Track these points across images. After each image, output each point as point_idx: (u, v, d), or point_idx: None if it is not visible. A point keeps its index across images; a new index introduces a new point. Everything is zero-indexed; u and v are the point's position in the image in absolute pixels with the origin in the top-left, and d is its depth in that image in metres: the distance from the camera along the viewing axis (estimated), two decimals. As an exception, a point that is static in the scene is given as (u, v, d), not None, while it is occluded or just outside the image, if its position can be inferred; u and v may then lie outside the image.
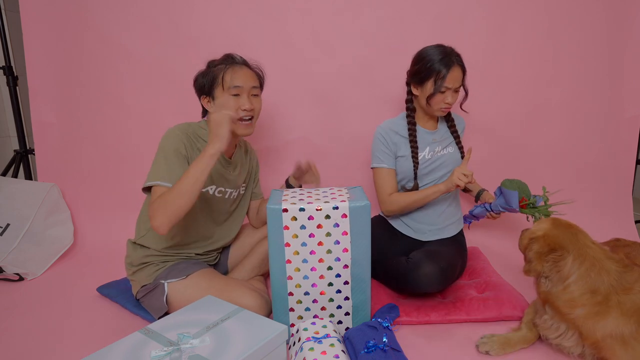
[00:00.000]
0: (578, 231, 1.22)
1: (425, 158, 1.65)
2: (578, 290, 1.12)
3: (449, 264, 1.46)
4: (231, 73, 1.40)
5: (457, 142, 1.69)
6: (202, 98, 1.45)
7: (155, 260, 1.44)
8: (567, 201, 1.59)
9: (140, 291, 1.43)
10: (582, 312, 1.11)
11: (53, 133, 2.16)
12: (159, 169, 1.31)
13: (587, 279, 1.12)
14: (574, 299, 1.13)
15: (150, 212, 1.26)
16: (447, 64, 1.50)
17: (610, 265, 1.14)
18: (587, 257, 1.15)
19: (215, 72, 1.41)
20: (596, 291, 1.11)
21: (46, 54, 2.08)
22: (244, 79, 1.41)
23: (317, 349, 1.11)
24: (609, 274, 1.12)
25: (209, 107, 1.44)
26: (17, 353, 1.30)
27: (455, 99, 1.57)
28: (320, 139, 2.15)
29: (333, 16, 2.02)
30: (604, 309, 1.09)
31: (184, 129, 1.39)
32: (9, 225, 2.00)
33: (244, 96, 1.41)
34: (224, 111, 1.28)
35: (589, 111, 2.11)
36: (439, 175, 1.66)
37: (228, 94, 1.39)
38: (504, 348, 1.26)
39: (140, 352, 0.98)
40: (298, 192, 1.33)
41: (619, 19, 2.01)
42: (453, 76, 1.51)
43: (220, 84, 1.40)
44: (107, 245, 2.12)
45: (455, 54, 1.54)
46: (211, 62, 1.46)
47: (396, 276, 1.51)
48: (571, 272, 1.14)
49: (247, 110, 1.41)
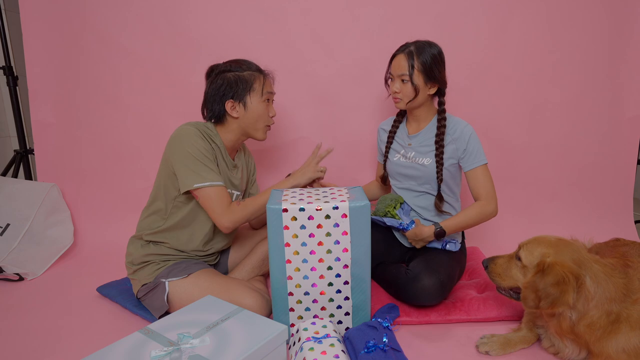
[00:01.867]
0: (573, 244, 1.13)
1: (400, 161, 1.64)
2: (597, 313, 1.04)
3: (448, 276, 1.45)
4: (269, 80, 1.49)
5: (437, 154, 1.53)
6: (228, 103, 1.44)
7: (156, 259, 1.45)
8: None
9: (141, 290, 1.43)
10: (598, 334, 1.05)
11: (53, 133, 2.16)
12: (201, 170, 1.34)
13: (603, 299, 1.04)
14: (594, 322, 1.05)
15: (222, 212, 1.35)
16: (395, 53, 1.54)
17: (617, 277, 1.08)
18: (598, 275, 1.06)
19: (250, 78, 1.44)
20: (611, 311, 1.04)
21: (46, 54, 2.08)
22: (272, 87, 1.51)
23: (317, 349, 1.11)
24: (618, 288, 1.06)
25: (233, 112, 1.45)
26: (17, 353, 1.30)
27: (404, 90, 1.50)
28: (320, 139, 2.15)
29: (333, 16, 2.02)
30: (616, 327, 1.04)
31: (198, 128, 1.41)
32: (9, 225, 2.00)
33: (271, 103, 1.52)
34: (317, 162, 1.50)
35: (590, 111, 2.11)
36: (409, 183, 1.62)
37: (263, 99, 1.46)
38: (504, 348, 1.25)
39: (140, 352, 0.98)
40: (298, 192, 1.33)
41: (619, 19, 2.01)
42: (395, 63, 1.51)
43: (258, 90, 1.44)
44: (107, 245, 2.12)
45: (410, 45, 1.49)
46: (232, 67, 1.45)
47: (395, 286, 1.50)
48: (593, 295, 1.04)
49: (273, 117, 1.52)
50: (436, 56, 1.48)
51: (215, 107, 1.46)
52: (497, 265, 1.25)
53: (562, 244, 1.13)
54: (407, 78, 1.48)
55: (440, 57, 1.50)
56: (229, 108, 1.45)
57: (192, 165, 1.34)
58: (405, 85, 1.50)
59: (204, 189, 1.35)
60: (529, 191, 2.20)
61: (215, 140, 1.45)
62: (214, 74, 1.47)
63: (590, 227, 2.16)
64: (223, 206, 1.36)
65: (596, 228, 2.15)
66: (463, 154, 1.53)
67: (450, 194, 1.61)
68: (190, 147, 1.34)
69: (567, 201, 2.20)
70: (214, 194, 1.35)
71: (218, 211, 1.36)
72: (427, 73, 1.48)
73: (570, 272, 1.05)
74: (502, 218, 2.20)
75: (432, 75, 1.49)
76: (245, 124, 1.47)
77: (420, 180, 1.60)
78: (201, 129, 1.41)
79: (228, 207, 1.37)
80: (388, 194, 1.64)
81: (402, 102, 1.54)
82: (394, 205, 1.59)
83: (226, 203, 1.37)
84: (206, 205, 1.37)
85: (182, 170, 1.34)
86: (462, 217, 1.51)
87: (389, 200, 1.61)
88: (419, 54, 1.47)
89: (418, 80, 1.48)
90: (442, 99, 1.57)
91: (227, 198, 1.38)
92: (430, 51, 1.48)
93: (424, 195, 1.61)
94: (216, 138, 1.46)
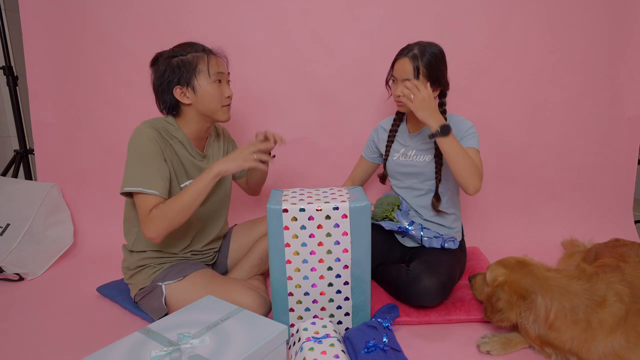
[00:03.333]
0: (531, 265, 1.24)
1: (400, 160, 1.64)
2: (563, 325, 1.13)
3: (449, 276, 1.44)
4: (215, 60, 1.38)
5: (437, 154, 1.53)
6: (176, 89, 1.36)
7: (152, 262, 1.44)
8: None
9: (139, 294, 1.42)
10: (575, 343, 1.12)
11: (53, 133, 2.16)
12: (137, 174, 1.27)
13: (564, 311, 1.13)
14: (563, 334, 1.13)
15: (144, 221, 1.27)
16: (397, 55, 1.51)
17: (575, 286, 1.15)
18: (552, 289, 1.16)
19: (194, 60, 1.35)
20: (577, 320, 1.11)
21: (46, 54, 2.08)
22: (223, 66, 1.41)
23: (317, 349, 1.11)
24: (579, 296, 1.13)
25: (184, 99, 1.37)
26: (17, 353, 1.30)
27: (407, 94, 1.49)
28: (320, 139, 2.15)
29: (333, 16, 2.02)
30: (590, 335, 1.10)
31: (154, 126, 1.34)
32: (9, 225, 2.00)
33: (224, 83, 1.42)
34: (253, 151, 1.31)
35: (590, 111, 2.11)
36: (411, 181, 1.62)
37: (212, 80, 1.37)
38: (505, 348, 1.25)
39: (140, 352, 0.98)
40: (298, 192, 1.33)
41: (619, 19, 2.01)
42: (398, 67, 1.49)
43: (204, 71, 1.35)
44: (107, 245, 2.11)
45: (413, 47, 1.47)
46: (175, 52, 1.37)
47: (395, 286, 1.50)
48: (548, 310, 1.14)
49: (230, 97, 1.43)
50: (440, 59, 1.48)
51: (165, 97, 1.38)
52: (476, 280, 1.42)
53: (519, 266, 1.24)
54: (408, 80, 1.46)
55: (443, 60, 1.50)
56: (179, 95, 1.36)
57: (132, 166, 1.29)
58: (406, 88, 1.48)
59: (137, 195, 1.28)
60: (529, 191, 2.20)
61: (176, 135, 1.40)
62: (158, 62, 1.39)
63: (590, 227, 2.16)
64: (143, 215, 1.27)
65: (596, 228, 2.15)
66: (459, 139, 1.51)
67: (449, 194, 1.61)
68: (136, 148, 1.29)
69: (567, 201, 2.20)
70: (139, 201, 1.28)
71: (141, 220, 1.28)
72: (432, 78, 1.47)
73: (515, 292, 1.18)
74: (502, 218, 2.20)
75: (437, 79, 1.48)
76: (200, 109, 1.38)
77: (422, 177, 1.59)
78: (159, 127, 1.35)
79: (148, 215, 1.26)
80: (384, 198, 1.64)
81: (406, 105, 1.51)
82: (392, 209, 1.59)
83: (146, 212, 1.26)
84: (138, 213, 1.30)
85: (124, 172, 1.30)
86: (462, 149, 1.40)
87: (385, 204, 1.60)
88: (423, 58, 1.45)
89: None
90: (443, 100, 1.57)
91: (149, 207, 1.26)
92: (434, 55, 1.46)
93: (427, 195, 1.61)
94: (177, 132, 1.40)
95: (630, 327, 1.09)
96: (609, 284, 1.15)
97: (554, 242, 2.12)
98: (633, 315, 1.10)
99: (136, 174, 1.28)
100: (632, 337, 1.08)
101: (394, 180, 1.70)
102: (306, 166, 2.19)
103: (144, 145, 1.29)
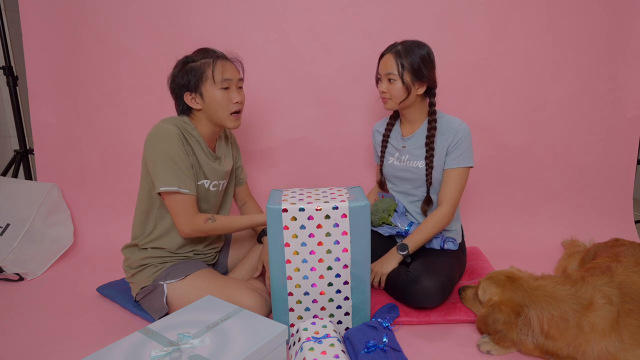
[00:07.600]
0: (518, 278, 1.25)
1: (394, 164, 1.64)
2: (557, 333, 1.14)
3: (448, 278, 1.44)
4: (220, 66, 1.39)
5: (427, 157, 1.53)
6: (186, 95, 1.40)
7: (154, 261, 1.44)
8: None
9: (140, 293, 1.43)
10: (571, 348, 1.13)
11: (53, 133, 2.16)
12: (171, 173, 1.32)
13: (554, 319, 1.14)
14: (558, 341, 1.14)
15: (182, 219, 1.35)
16: (382, 52, 1.52)
17: (561, 292, 1.17)
18: (540, 299, 1.17)
19: (201, 66, 1.38)
20: (568, 327, 1.13)
21: (46, 54, 2.08)
22: (232, 72, 1.42)
23: (317, 349, 1.11)
24: (565, 301, 1.15)
25: (194, 104, 1.41)
26: (17, 353, 1.30)
27: (391, 90, 1.49)
28: (320, 139, 2.15)
29: (333, 16, 2.02)
30: (584, 339, 1.11)
31: (178, 125, 1.38)
32: (9, 225, 2.00)
33: (233, 89, 1.43)
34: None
35: (590, 111, 2.11)
36: (405, 187, 1.63)
37: (218, 87, 1.39)
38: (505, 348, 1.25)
39: (140, 352, 0.98)
40: (298, 192, 1.33)
41: (620, 19, 2.01)
42: (383, 63, 1.51)
43: (210, 78, 1.38)
44: (107, 245, 2.11)
45: (397, 45, 1.49)
46: (189, 58, 1.42)
47: (395, 287, 1.50)
48: (541, 320, 1.15)
49: (239, 103, 1.43)
50: (424, 55, 1.47)
51: (179, 101, 1.44)
52: (467, 294, 1.44)
53: (509, 281, 1.25)
54: (395, 77, 1.47)
55: (428, 56, 1.49)
56: (189, 100, 1.40)
57: (164, 166, 1.31)
58: (393, 84, 1.49)
59: (172, 194, 1.34)
60: (529, 191, 2.20)
61: (193, 134, 1.43)
62: (177, 66, 1.44)
63: (590, 227, 2.16)
64: (186, 216, 1.36)
65: (596, 228, 2.15)
66: (453, 148, 1.51)
67: None
68: (165, 147, 1.32)
69: (567, 201, 2.20)
70: (180, 201, 1.34)
71: (179, 219, 1.36)
72: (414, 72, 1.47)
73: (512, 312, 1.19)
74: (502, 218, 2.20)
75: (421, 74, 1.47)
76: (209, 114, 1.42)
77: (415, 183, 1.60)
78: (180, 125, 1.38)
79: (192, 219, 1.37)
80: (378, 203, 1.64)
81: (391, 102, 1.52)
82: (388, 215, 1.59)
83: (190, 213, 1.36)
84: (171, 210, 1.36)
85: (155, 171, 1.32)
86: (422, 233, 1.52)
87: (381, 211, 1.61)
88: (406, 53, 1.46)
89: (406, 79, 1.47)
90: (432, 100, 1.55)
91: (192, 209, 1.37)
92: (418, 51, 1.47)
93: (420, 201, 1.61)
94: (194, 131, 1.43)
95: (623, 328, 1.10)
96: (595, 287, 1.16)
97: (554, 242, 2.12)
98: (624, 316, 1.11)
99: (170, 173, 1.32)
100: (625, 338, 1.09)
101: (390, 184, 1.70)
102: (306, 166, 2.19)
103: (173, 143, 1.33)
